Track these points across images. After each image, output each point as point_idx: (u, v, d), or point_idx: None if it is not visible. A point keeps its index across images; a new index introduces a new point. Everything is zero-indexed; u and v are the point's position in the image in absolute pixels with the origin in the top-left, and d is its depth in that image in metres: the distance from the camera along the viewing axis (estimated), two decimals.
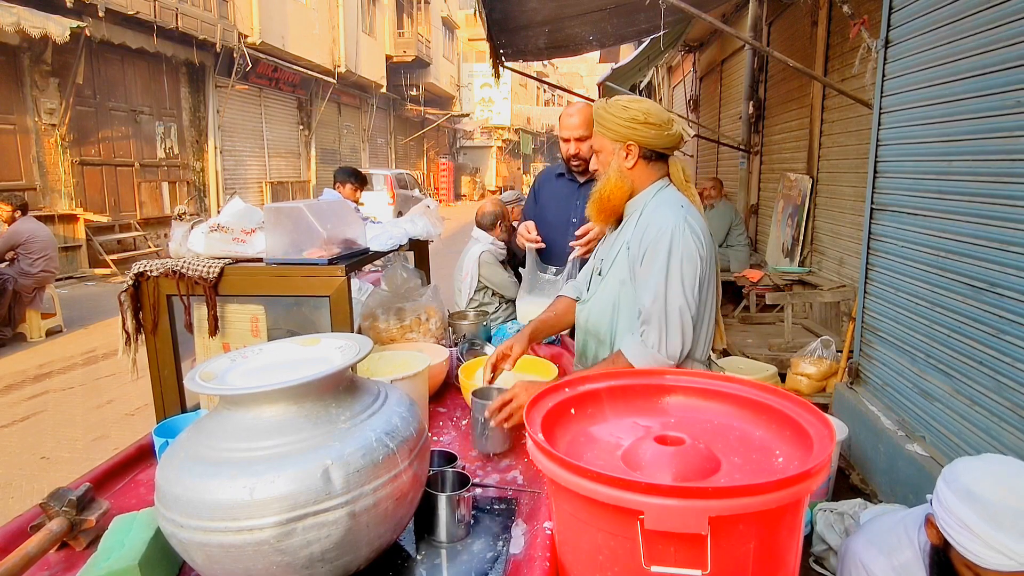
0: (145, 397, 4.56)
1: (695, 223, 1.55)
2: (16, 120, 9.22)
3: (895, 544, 1.57)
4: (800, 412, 1.14)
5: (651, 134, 1.58)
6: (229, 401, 1.03)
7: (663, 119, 1.57)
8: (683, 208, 1.57)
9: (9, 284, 5.83)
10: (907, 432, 2.80)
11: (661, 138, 1.58)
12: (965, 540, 1.32)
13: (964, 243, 2.43)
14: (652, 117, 1.56)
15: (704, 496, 0.89)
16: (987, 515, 1.29)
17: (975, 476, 1.36)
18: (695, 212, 1.60)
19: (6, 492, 3.37)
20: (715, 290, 1.63)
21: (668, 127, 1.57)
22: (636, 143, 1.59)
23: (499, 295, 3.66)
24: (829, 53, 5.38)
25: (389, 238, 1.80)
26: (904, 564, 1.52)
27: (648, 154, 1.61)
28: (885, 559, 1.55)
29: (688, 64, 11.00)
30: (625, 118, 1.58)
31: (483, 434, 1.52)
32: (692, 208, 1.60)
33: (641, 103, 1.59)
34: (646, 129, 1.57)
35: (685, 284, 1.51)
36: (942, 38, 2.58)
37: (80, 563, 1.14)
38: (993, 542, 1.27)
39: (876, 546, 1.60)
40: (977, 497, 1.32)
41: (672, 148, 1.63)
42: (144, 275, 1.64)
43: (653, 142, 1.59)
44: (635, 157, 1.61)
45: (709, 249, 1.57)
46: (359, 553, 1.00)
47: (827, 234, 5.45)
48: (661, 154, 1.63)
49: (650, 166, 1.63)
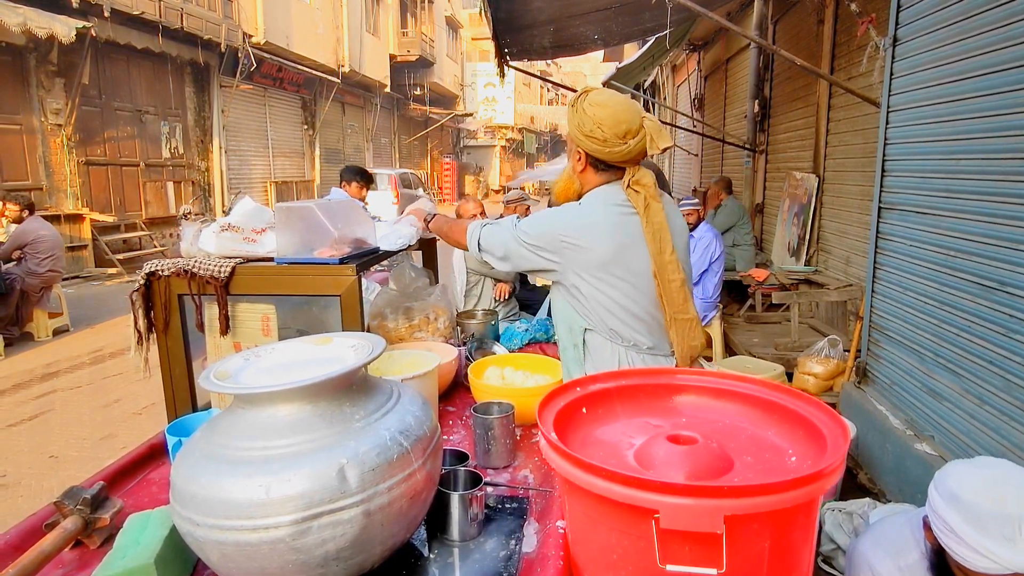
0: (152, 396, 4.59)
1: (575, 209, 1.58)
2: (22, 120, 9.26)
3: (902, 545, 1.57)
4: (813, 411, 1.14)
5: (595, 148, 1.53)
6: (244, 400, 1.03)
7: (615, 132, 1.49)
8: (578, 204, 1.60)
9: (16, 284, 5.85)
10: (915, 431, 2.79)
11: (608, 154, 1.53)
12: (952, 544, 1.33)
13: (973, 242, 2.43)
14: (600, 131, 1.50)
15: (719, 495, 0.88)
16: (971, 519, 1.30)
17: (961, 480, 1.37)
18: (593, 203, 1.58)
19: (15, 491, 3.38)
20: (636, 278, 1.57)
21: (615, 143, 1.50)
22: (584, 152, 1.58)
23: (499, 280, 3.69)
24: (835, 52, 5.36)
25: (399, 237, 1.81)
26: (910, 565, 1.52)
27: (596, 164, 1.58)
28: (892, 560, 1.55)
29: (692, 63, 10.98)
30: (576, 124, 1.55)
31: (486, 449, 1.52)
32: (594, 201, 1.58)
33: (597, 109, 1.51)
34: (590, 143, 1.53)
35: (525, 225, 1.59)
36: (950, 36, 2.57)
37: (94, 561, 1.14)
38: (978, 546, 1.27)
39: (883, 548, 1.60)
40: (961, 501, 1.32)
41: (626, 162, 1.55)
42: (155, 274, 1.65)
43: (599, 155, 1.55)
44: (583, 163, 1.60)
45: (584, 230, 1.53)
46: (373, 552, 1.01)
47: (833, 233, 5.43)
48: (613, 166, 1.57)
49: (599, 174, 1.60)
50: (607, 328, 1.60)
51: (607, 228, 1.54)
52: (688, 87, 11.33)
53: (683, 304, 1.56)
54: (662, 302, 1.56)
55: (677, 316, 1.56)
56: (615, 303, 1.58)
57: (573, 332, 1.64)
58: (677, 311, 1.56)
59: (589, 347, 1.62)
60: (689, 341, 1.59)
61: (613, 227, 1.55)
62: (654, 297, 1.58)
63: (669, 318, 1.57)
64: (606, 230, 1.54)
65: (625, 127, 1.50)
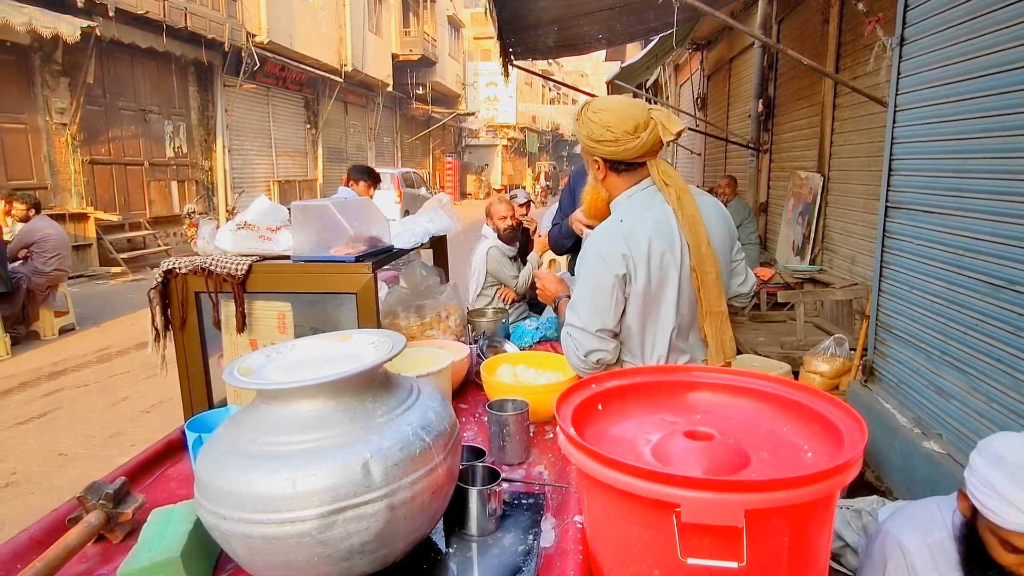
0: (159, 394, 4.62)
1: (611, 229, 1.55)
2: (27, 119, 9.28)
3: (929, 524, 1.61)
4: (828, 408, 1.15)
5: (609, 150, 1.55)
6: (267, 396, 1.04)
7: (624, 129, 1.51)
8: (614, 222, 1.57)
9: (23, 282, 5.87)
10: (923, 430, 2.80)
11: (624, 152, 1.53)
12: (988, 500, 1.38)
13: (981, 241, 2.43)
14: (609, 133, 1.52)
15: (740, 489, 0.90)
16: (1011, 476, 1.35)
17: (1006, 443, 1.43)
18: (635, 220, 1.54)
19: (25, 488, 3.40)
20: (666, 294, 1.57)
21: (628, 140, 1.51)
22: (600, 158, 1.59)
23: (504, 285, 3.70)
24: (841, 51, 5.36)
25: (412, 235, 1.82)
26: (938, 543, 1.57)
27: (615, 166, 1.59)
28: (920, 537, 1.59)
29: (696, 62, 10.98)
30: (585, 134, 1.57)
31: (501, 446, 1.53)
32: (632, 218, 1.55)
33: (603, 114, 1.53)
34: (604, 147, 1.55)
35: (585, 290, 1.56)
36: (958, 36, 2.58)
37: (117, 556, 1.16)
38: (1016, 501, 1.33)
39: (911, 524, 1.65)
40: (1004, 460, 1.38)
41: (644, 156, 1.55)
42: (173, 272, 1.66)
43: (616, 156, 1.56)
44: (603, 170, 1.62)
45: (635, 255, 1.51)
46: (396, 545, 1.02)
47: (838, 232, 5.44)
48: (632, 164, 1.58)
49: (621, 176, 1.61)
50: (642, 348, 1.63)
51: (633, 237, 1.54)
52: (691, 86, 11.33)
53: (718, 299, 1.57)
54: (699, 296, 1.56)
55: (712, 310, 1.57)
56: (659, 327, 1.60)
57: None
58: (713, 305, 1.57)
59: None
60: (721, 335, 1.59)
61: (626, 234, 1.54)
62: (692, 298, 1.59)
63: (704, 312, 1.57)
64: (630, 241, 1.54)
65: (633, 122, 1.51)
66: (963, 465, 2.46)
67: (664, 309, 1.57)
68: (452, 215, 2.25)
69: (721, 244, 1.63)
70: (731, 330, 1.62)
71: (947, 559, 1.53)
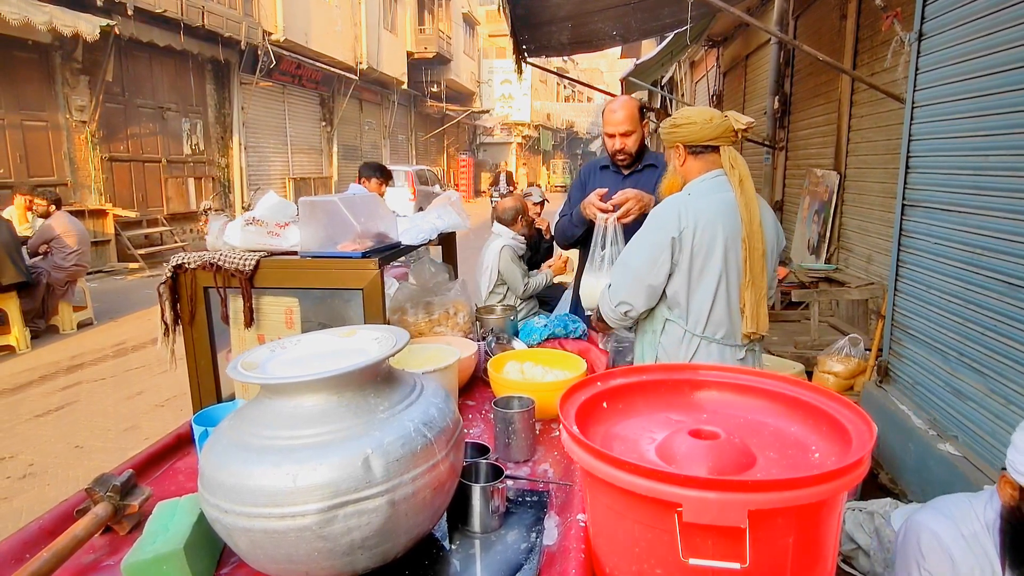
0: (174, 389, 4.67)
1: (677, 198, 1.85)
2: (48, 117, 9.43)
3: (963, 516, 1.60)
4: (837, 408, 1.13)
5: (690, 132, 1.84)
6: (271, 390, 1.04)
7: (703, 118, 1.83)
8: (682, 194, 1.88)
9: (43, 277, 5.97)
10: (939, 431, 2.76)
11: (701, 133, 1.82)
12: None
13: (1001, 240, 2.39)
14: (687, 119, 1.85)
15: (743, 489, 0.88)
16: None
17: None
18: (702, 196, 1.83)
19: (42, 480, 3.46)
20: (724, 266, 1.80)
21: (706, 125, 1.82)
22: (680, 143, 1.88)
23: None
24: (858, 47, 5.29)
25: (419, 232, 1.82)
26: (972, 534, 1.56)
27: (694, 149, 1.87)
28: (955, 527, 1.58)
29: (711, 59, 10.88)
30: (669, 127, 1.90)
31: (507, 443, 1.52)
32: (702, 193, 1.84)
33: (686, 111, 1.89)
34: (686, 131, 1.85)
35: (636, 244, 1.87)
36: (977, 31, 2.53)
37: (123, 547, 1.17)
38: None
39: (944, 515, 1.63)
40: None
41: (717, 139, 1.83)
42: (182, 267, 1.68)
43: (693, 137, 1.84)
44: (683, 155, 1.89)
45: (695, 222, 1.78)
46: (397, 541, 1.02)
47: (855, 231, 5.36)
48: (707, 146, 1.85)
49: (698, 159, 1.88)
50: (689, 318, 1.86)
51: (701, 211, 1.80)
52: (707, 83, 11.23)
53: (761, 273, 1.81)
54: (745, 267, 1.80)
55: (755, 281, 1.80)
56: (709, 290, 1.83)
57: (654, 319, 1.93)
58: (756, 276, 1.80)
59: (667, 333, 1.90)
60: (758, 306, 1.82)
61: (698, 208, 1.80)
62: (739, 271, 1.82)
63: (748, 280, 1.80)
64: (700, 213, 1.80)
65: (708, 115, 1.85)
66: (979, 468, 2.42)
67: (710, 276, 1.81)
68: (461, 212, 2.24)
69: (769, 236, 1.87)
70: (767, 308, 1.86)
71: (983, 550, 1.52)
